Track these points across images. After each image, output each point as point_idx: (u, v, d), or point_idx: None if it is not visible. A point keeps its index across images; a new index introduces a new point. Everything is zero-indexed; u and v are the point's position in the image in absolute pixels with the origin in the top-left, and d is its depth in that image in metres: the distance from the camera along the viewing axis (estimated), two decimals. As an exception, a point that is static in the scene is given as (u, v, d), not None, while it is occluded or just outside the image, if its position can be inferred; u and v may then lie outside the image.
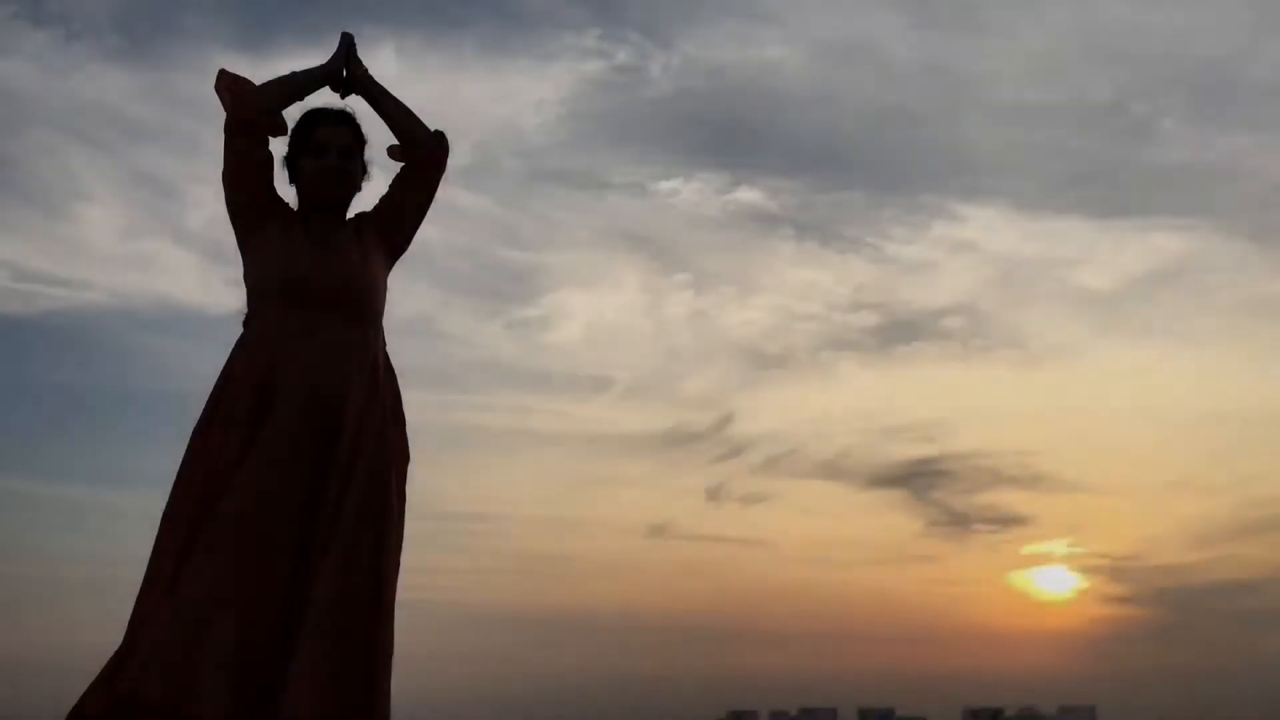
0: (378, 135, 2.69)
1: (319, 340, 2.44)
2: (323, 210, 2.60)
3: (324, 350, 2.43)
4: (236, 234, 2.57)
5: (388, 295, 2.62)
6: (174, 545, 2.29)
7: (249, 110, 2.50)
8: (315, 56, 2.63)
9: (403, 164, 2.66)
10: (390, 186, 2.67)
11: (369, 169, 2.67)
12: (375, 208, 2.66)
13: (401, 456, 2.55)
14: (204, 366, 2.50)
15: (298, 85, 2.58)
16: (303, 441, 2.36)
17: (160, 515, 2.35)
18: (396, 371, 2.61)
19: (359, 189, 2.64)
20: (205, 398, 2.46)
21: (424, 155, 2.64)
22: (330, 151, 2.56)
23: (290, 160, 2.60)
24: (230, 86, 2.51)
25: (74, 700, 2.23)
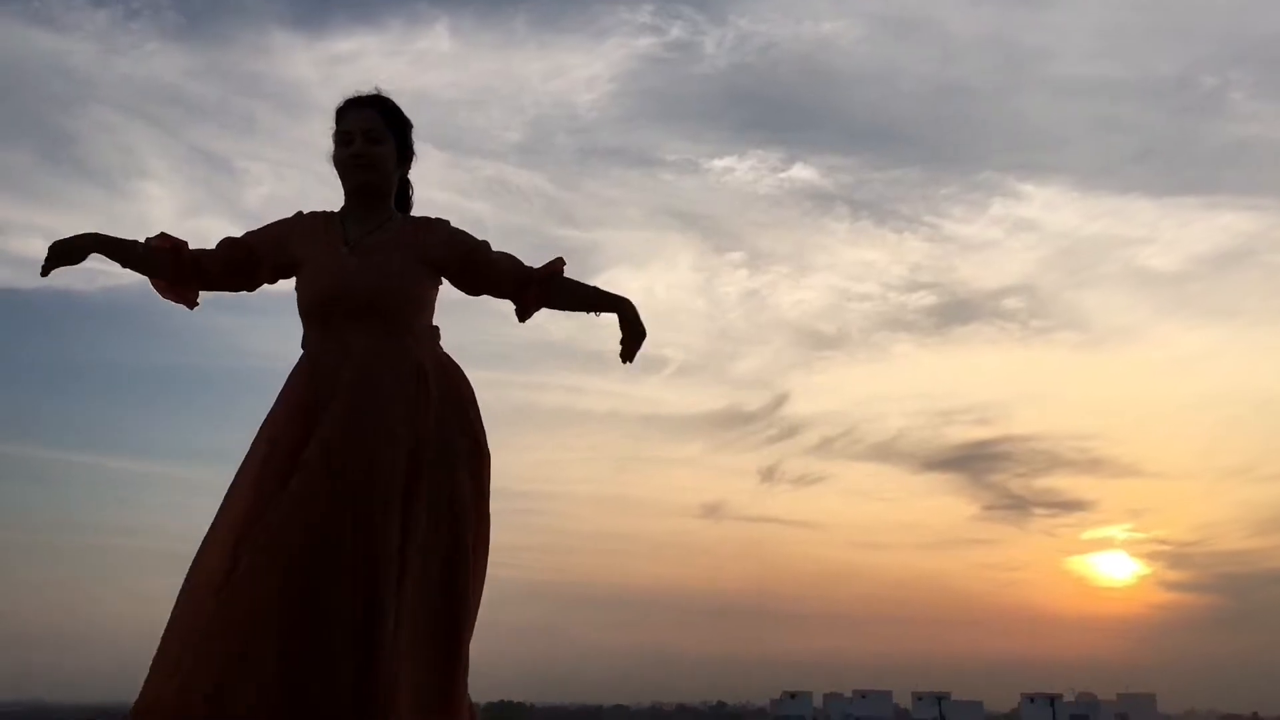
0: (425, 118, 2.62)
1: (356, 355, 2.40)
2: (362, 201, 2.56)
3: (361, 365, 2.39)
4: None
5: (434, 309, 2.57)
6: (219, 553, 2.26)
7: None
8: (370, 34, 2.68)
9: (521, 273, 2.59)
10: (494, 259, 2.58)
11: (413, 151, 2.63)
12: (461, 239, 2.57)
13: (473, 456, 2.50)
14: (262, 344, 2.57)
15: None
16: (348, 458, 2.30)
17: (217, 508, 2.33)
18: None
19: (393, 171, 2.58)
20: (264, 374, 2.48)
21: (526, 295, 2.60)
22: (355, 138, 2.53)
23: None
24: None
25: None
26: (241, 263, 2.56)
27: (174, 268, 2.52)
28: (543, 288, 2.58)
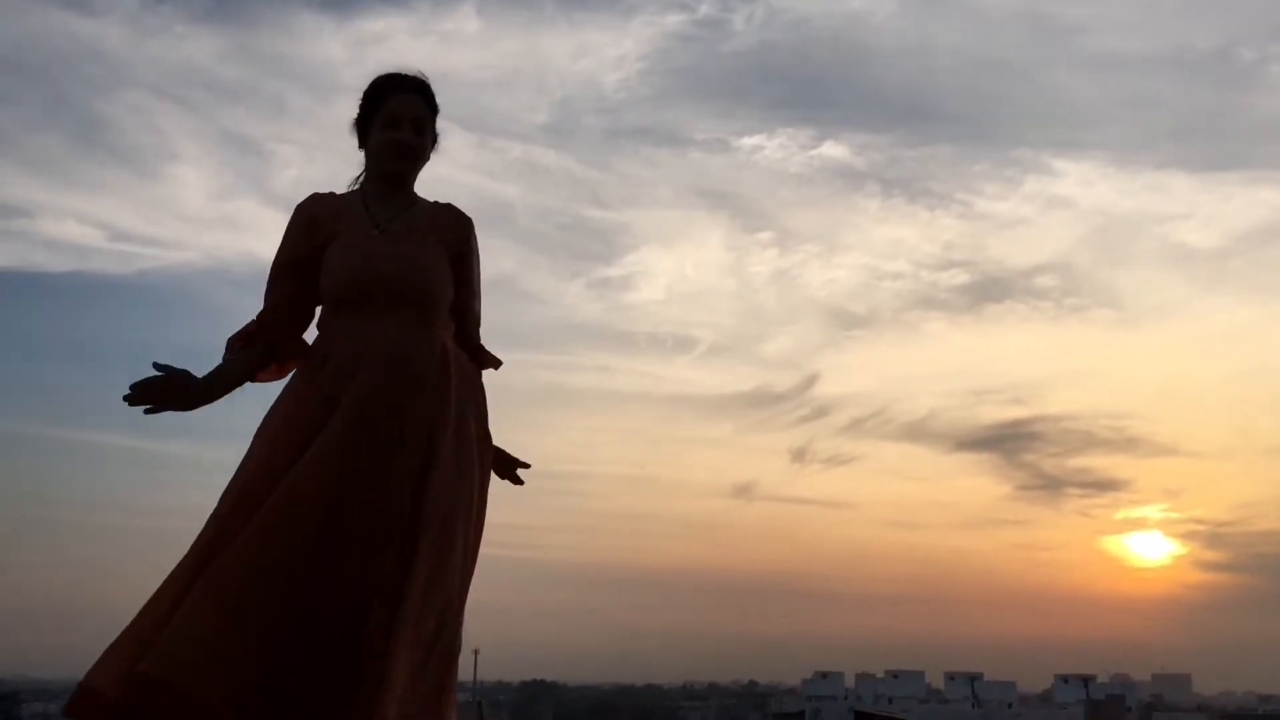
0: (450, 99, 2.61)
1: (383, 343, 2.38)
2: (388, 185, 2.54)
3: (388, 353, 2.37)
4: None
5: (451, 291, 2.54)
6: (218, 525, 2.25)
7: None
8: (398, 14, 2.70)
9: (473, 341, 2.60)
10: (473, 295, 2.59)
11: (438, 140, 2.60)
12: (469, 246, 2.57)
13: (484, 444, 2.52)
14: None
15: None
16: (366, 442, 2.30)
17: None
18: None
19: (427, 160, 2.57)
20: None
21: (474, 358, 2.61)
22: (403, 124, 2.49)
23: (360, 126, 2.55)
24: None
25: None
26: (296, 292, 2.49)
27: (261, 355, 2.50)
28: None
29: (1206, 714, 67.16)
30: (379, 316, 2.40)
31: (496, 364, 2.64)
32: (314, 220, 2.51)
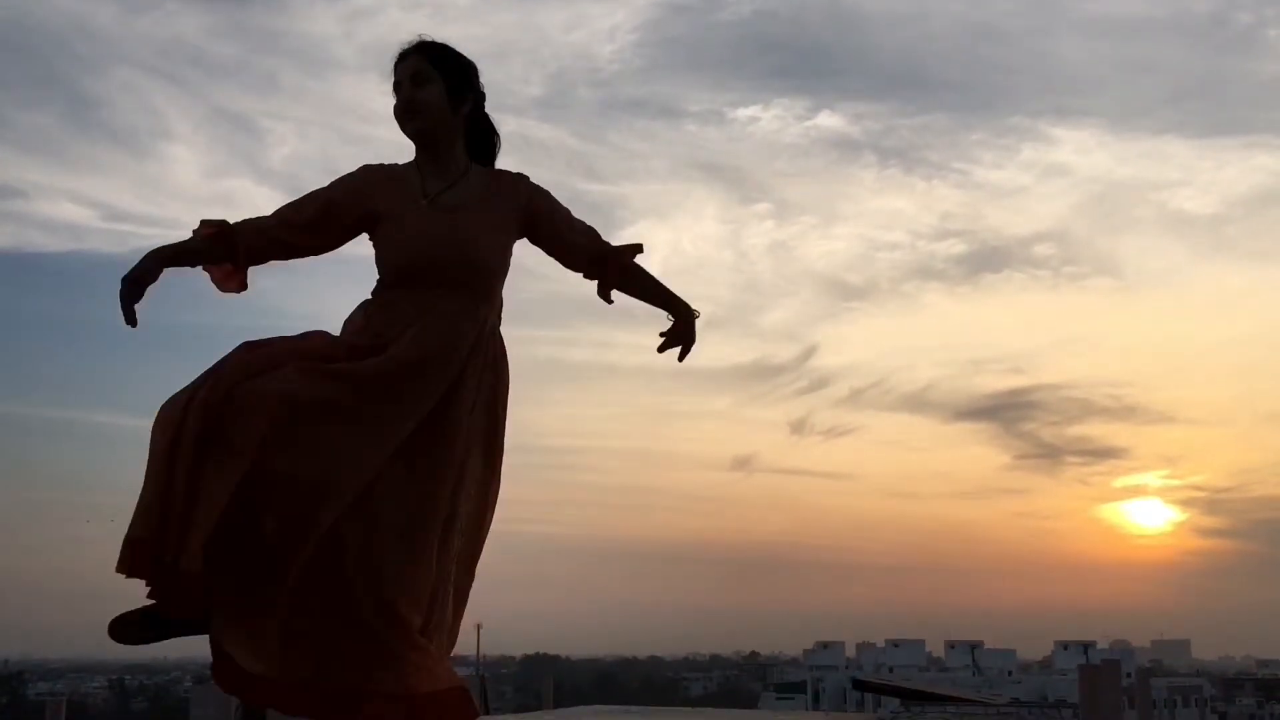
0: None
1: (431, 315, 2.39)
2: (430, 152, 2.51)
3: (435, 325, 2.39)
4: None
5: (508, 268, 2.54)
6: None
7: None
8: None
9: (597, 247, 2.58)
10: (573, 225, 2.56)
11: (474, 90, 2.55)
12: (540, 196, 2.55)
13: (498, 430, 2.54)
14: (302, 305, 2.56)
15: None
16: (406, 400, 2.33)
17: None
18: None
19: (446, 113, 2.50)
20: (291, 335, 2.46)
21: (595, 271, 2.59)
22: (403, 86, 2.48)
23: None
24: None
25: None
26: (318, 222, 2.46)
27: (227, 252, 2.43)
28: (624, 270, 2.57)
29: (1205, 679, 67.62)
30: (428, 293, 2.41)
31: (636, 249, 2.59)
32: (370, 184, 2.49)
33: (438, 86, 2.48)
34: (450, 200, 2.46)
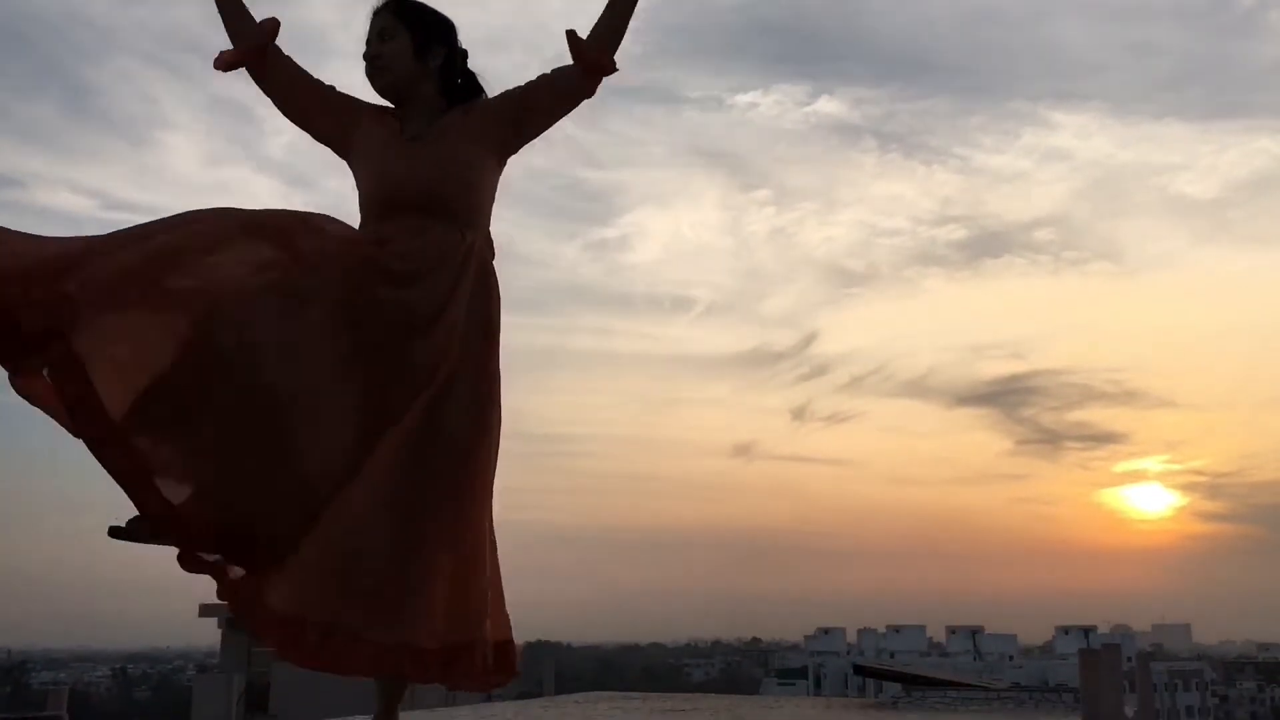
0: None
1: (415, 243, 2.38)
2: (406, 106, 2.53)
3: (419, 251, 2.38)
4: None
5: (494, 193, 2.55)
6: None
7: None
8: None
9: (565, 72, 2.53)
10: (533, 88, 2.53)
11: (441, 42, 2.55)
12: (503, 99, 2.54)
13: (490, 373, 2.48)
14: None
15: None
16: (385, 330, 2.31)
17: None
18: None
19: (412, 64, 2.51)
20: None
21: (593, 80, 2.54)
22: (371, 42, 2.51)
23: None
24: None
25: None
26: (311, 109, 2.53)
27: (257, 54, 2.51)
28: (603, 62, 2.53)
29: (1206, 662, 67.77)
30: (407, 220, 2.40)
31: (577, 46, 2.51)
32: (356, 112, 2.52)
33: (404, 40, 2.50)
34: (429, 134, 2.48)
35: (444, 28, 2.57)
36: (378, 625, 2.20)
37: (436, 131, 2.49)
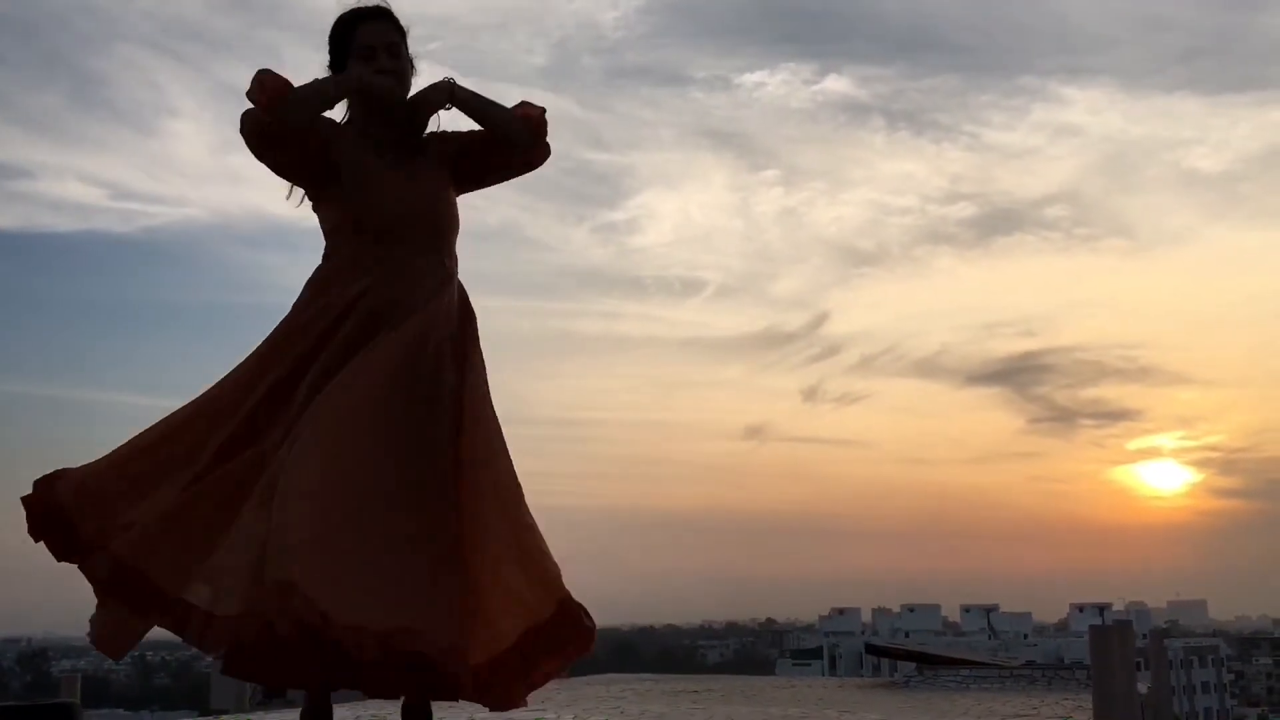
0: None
1: (401, 270, 2.38)
2: (380, 119, 2.47)
3: (406, 279, 2.37)
4: (306, 194, 2.49)
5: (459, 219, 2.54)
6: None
7: (274, 124, 2.33)
8: None
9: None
10: (482, 148, 2.53)
11: (414, 63, 2.52)
12: (460, 143, 2.53)
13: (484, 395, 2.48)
14: (300, 279, 2.49)
15: (328, 98, 2.42)
16: (399, 375, 2.31)
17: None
18: (481, 287, 2.55)
19: (409, 88, 2.49)
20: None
21: (519, 160, 2.56)
22: (379, 53, 2.44)
23: (334, 67, 2.49)
24: (270, 89, 2.33)
25: None
26: (311, 157, 2.41)
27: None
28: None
29: (1221, 639, 67.68)
30: (400, 251, 2.39)
31: (534, 144, 2.53)
32: (329, 133, 2.44)
33: (407, 58, 2.49)
34: (403, 158, 2.46)
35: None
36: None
37: (417, 154, 2.48)
